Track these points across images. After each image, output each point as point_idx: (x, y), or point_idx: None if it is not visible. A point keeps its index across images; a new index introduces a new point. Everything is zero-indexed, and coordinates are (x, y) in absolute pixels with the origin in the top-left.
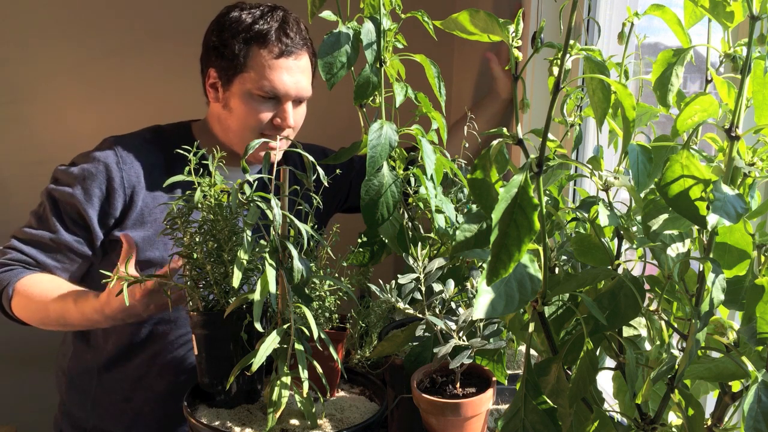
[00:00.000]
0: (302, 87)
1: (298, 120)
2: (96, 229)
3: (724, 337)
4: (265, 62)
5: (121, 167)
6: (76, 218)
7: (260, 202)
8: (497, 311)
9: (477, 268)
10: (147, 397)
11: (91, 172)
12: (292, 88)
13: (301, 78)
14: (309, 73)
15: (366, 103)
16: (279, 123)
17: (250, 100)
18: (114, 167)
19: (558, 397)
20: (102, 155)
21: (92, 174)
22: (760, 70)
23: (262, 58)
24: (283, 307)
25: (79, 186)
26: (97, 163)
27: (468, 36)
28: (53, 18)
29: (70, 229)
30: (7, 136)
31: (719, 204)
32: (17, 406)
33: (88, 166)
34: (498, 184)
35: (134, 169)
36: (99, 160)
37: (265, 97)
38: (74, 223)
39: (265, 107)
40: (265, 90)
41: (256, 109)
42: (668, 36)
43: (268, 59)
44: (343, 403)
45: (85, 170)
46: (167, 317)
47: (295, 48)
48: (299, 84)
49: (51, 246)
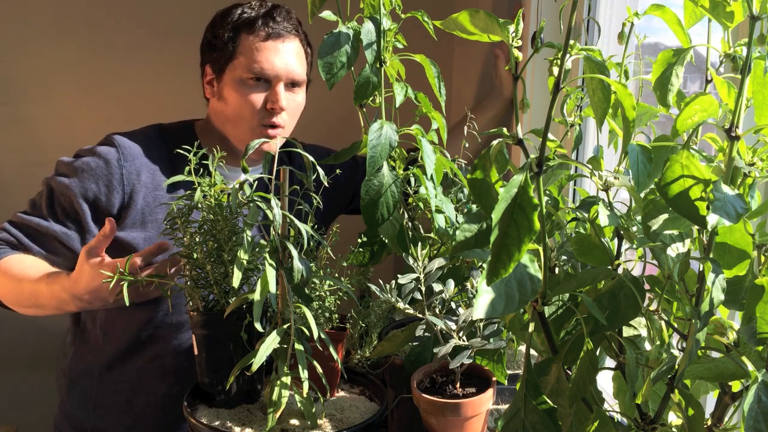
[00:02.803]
0: (293, 70)
1: (293, 107)
2: (88, 224)
3: (724, 337)
4: (253, 45)
5: (122, 164)
6: (68, 210)
7: (260, 202)
8: (497, 311)
9: (477, 268)
10: (148, 398)
11: (91, 166)
12: (281, 69)
13: (290, 60)
14: (301, 59)
15: (366, 103)
16: (271, 106)
17: (241, 87)
18: (114, 163)
19: (558, 397)
20: (104, 150)
21: (91, 168)
22: (760, 70)
23: (250, 42)
24: (283, 307)
25: (77, 179)
26: (97, 157)
27: (468, 36)
28: (53, 18)
29: (60, 219)
30: (7, 136)
31: (719, 204)
32: (17, 406)
33: (89, 160)
34: (498, 184)
35: (135, 166)
36: (100, 155)
37: (256, 81)
38: (66, 215)
39: (256, 91)
40: (253, 72)
41: (248, 94)
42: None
43: (256, 42)
44: (343, 403)
45: (85, 163)
46: (169, 320)
47: (283, 32)
48: (289, 66)
49: (39, 232)
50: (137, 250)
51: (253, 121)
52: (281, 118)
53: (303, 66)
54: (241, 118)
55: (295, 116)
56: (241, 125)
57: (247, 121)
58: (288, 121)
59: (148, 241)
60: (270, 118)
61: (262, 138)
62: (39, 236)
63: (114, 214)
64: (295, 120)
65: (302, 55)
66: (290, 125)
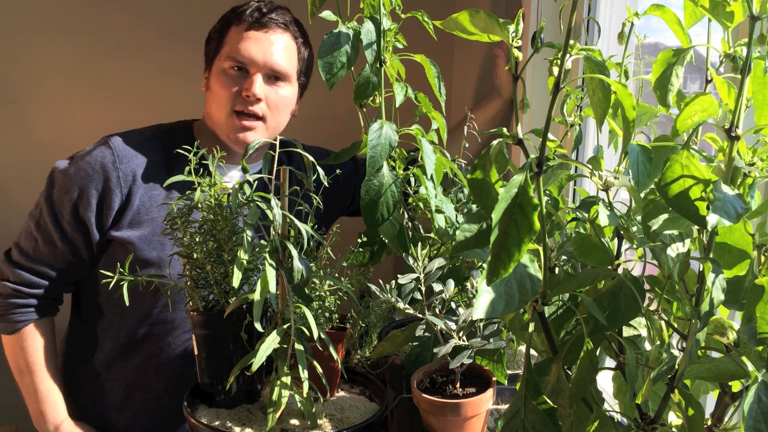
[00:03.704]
0: (272, 60)
1: (274, 100)
2: (93, 232)
3: (724, 337)
4: (236, 35)
5: (117, 166)
6: (73, 223)
7: (260, 202)
8: (497, 311)
9: (477, 268)
10: (145, 397)
11: (87, 172)
12: (258, 56)
13: (272, 51)
14: (289, 53)
15: (366, 103)
16: (245, 94)
17: (221, 76)
18: (110, 166)
19: (558, 397)
20: (99, 154)
21: (88, 174)
22: (760, 70)
23: (234, 32)
24: (283, 307)
25: (77, 188)
26: (93, 162)
27: (468, 36)
28: (53, 18)
29: (69, 235)
30: (7, 136)
31: (719, 204)
32: (17, 406)
33: (84, 167)
34: (498, 184)
35: (131, 166)
36: (96, 160)
37: (237, 71)
38: (73, 228)
39: (235, 80)
40: (231, 58)
41: (226, 83)
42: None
43: (239, 32)
44: (343, 403)
45: (81, 170)
46: (165, 318)
47: (268, 23)
48: (268, 56)
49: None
50: (134, 250)
51: (227, 107)
52: (258, 107)
53: (289, 61)
54: (219, 107)
55: (278, 111)
56: (219, 114)
57: (223, 107)
58: (269, 115)
59: (143, 239)
60: (244, 105)
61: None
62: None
63: (113, 216)
64: (279, 115)
65: (291, 50)
66: (273, 120)
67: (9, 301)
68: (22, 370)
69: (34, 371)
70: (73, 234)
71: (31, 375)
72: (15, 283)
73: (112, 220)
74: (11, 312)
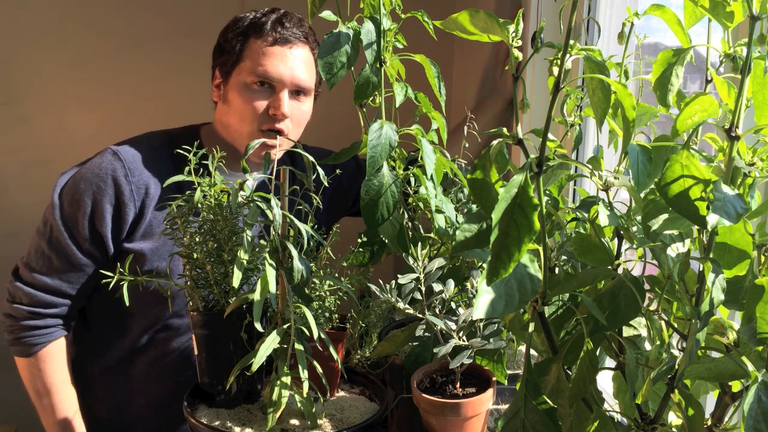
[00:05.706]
0: (298, 76)
1: (297, 115)
2: (109, 245)
3: (724, 337)
4: (260, 50)
5: (130, 180)
6: (89, 237)
7: (260, 202)
8: (497, 311)
9: (477, 268)
10: (147, 400)
11: (99, 186)
12: (286, 74)
13: (297, 67)
14: (309, 67)
15: (366, 103)
16: (273, 112)
17: (245, 91)
18: (122, 179)
19: (558, 397)
20: (109, 166)
21: (101, 188)
22: (760, 70)
23: (257, 47)
24: (283, 307)
25: (90, 202)
26: (104, 175)
27: (468, 36)
28: (53, 18)
29: (85, 250)
30: (7, 136)
31: (719, 204)
32: (17, 406)
33: (95, 180)
34: (498, 184)
35: (143, 179)
36: (106, 173)
37: (260, 86)
38: (89, 242)
39: (260, 96)
40: (258, 75)
41: (251, 99)
42: (668, 36)
43: (263, 47)
44: (343, 403)
45: (93, 184)
46: (172, 324)
47: (291, 38)
48: (294, 72)
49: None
50: (145, 261)
51: (253, 125)
52: (284, 125)
53: (311, 74)
54: (242, 121)
55: (300, 125)
56: (242, 129)
57: (248, 125)
58: (292, 130)
59: (155, 251)
60: (271, 123)
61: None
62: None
63: (127, 229)
64: (299, 129)
65: (311, 63)
66: (294, 134)
67: (24, 323)
68: (40, 392)
69: (53, 392)
70: (89, 248)
71: (50, 396)
72: (30, 305)
73: (127, 233)
74: (27, 335)
